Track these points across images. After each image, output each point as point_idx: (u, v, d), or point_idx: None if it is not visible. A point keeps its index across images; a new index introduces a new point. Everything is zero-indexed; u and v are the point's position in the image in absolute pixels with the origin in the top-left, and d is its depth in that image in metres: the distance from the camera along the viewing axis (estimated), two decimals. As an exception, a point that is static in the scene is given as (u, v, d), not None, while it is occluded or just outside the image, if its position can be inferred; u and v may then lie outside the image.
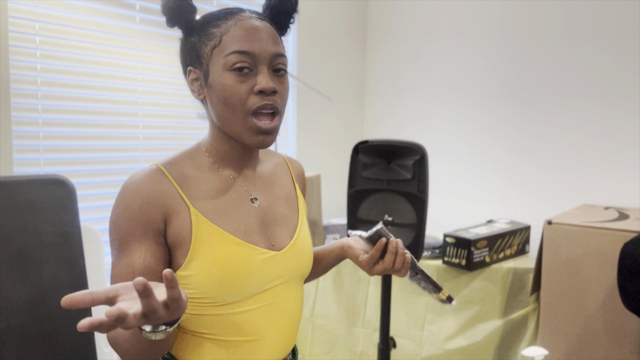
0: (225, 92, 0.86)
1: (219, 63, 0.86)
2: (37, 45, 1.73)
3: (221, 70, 0.86)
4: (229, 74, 0.85)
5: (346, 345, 2.30)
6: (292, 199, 1.03)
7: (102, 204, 1.92)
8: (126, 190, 0.86)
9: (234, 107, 0.86)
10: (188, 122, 2.19)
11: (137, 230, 0.83)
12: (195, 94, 0.92)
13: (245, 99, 0.86)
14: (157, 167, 0.88)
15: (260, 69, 0.86)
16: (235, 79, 0.85)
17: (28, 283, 1.37)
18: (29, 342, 1.35)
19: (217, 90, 0.87)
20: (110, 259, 0.87)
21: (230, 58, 0.85)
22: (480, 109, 2.65)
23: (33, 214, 1.40)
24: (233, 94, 0.85)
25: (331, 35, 2.84)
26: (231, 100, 0.86)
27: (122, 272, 0.83)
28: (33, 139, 1.75)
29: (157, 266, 0.85)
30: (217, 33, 0.87)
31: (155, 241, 0.85)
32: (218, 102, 0.87)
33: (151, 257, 0.84)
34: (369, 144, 1.79)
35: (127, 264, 0.83)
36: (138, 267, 0.83)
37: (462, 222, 2.63)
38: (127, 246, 0.84)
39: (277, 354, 0.94)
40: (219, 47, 0.86)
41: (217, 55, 0.86)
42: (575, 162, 2.38)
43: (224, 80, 0.86)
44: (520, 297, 2.05)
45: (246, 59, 0.85)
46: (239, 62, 0.85)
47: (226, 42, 0.86)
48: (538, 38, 2.45)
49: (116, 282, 0.83)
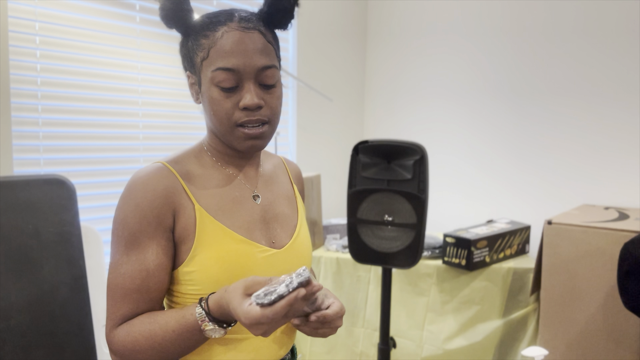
0: (212, 105, 0.87)
1: (208, 76, 0.86)
2: (37, 45, 1.73)
3: (209, 84, 0.86)
4: (215, 89, 0.86)
5: (346, 345, 2.30)
6: (292, 199, 1.04)
7: (102, 204, 1.92)
8: (134, 187, 0.85)
9: (221, 121, 0.87)
10: (188, 122, 2.19)
11: (149, 227, 0.84)
12: (194, 98, 0.93)
13: (231, 113, 0.86)
14: (163, 164, 0.88)
15: (246, 84, 0.86)
16: (221, 94, 0.86)
17: (28, 283, 1.37)
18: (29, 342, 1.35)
19: (207, 101, 0.88)
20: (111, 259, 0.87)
21: (216, 75, 0.85)
22: (481, 109, 2.65)
23: (33, 214, 1.40)
24: (219, 109, 0.86)
25: (331, 35, 2.84)
26: (218, 114, 0.87)
27: (133, 270, 0.83)
28: (33, 139, 1.75)
29: (168, 263, 0.86)
30: (206, 45, 0.86)
31: (166, 237, 0.85)
32: (209, 113, 0.89)
33: (163, 254, 0.85)
34: (369, 144, 1.79)
35: (139, 260, 0.83)
36: (152, 264, 0.84)
37: (462, 222, 2.63)
38: (138, 243, 0.84)
39: (276, 352, 0.95)
40: (207, 60, 0.86)
41: (206, 68, 0.86)
42: (575, 162, 2.38)
43: (212, 94, 0.86)
44: (520, 297, 2.05)
45: (230, 76, 0.85)
46: (224, 80, 0.85)
47: (212, 57, 0.85)
48: (538, 38, 2.45)
49: (127, 279, 0.83)
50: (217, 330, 0.80)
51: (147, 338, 0.81)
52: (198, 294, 0.87)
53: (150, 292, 0.84)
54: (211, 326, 0.80)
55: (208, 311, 0.80)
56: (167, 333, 0.81)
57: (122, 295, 0.84)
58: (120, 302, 0.84)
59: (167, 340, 0.81)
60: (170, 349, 0.82)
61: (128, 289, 0.83)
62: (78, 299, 1.45)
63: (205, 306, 0.81)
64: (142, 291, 0.84)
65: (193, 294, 0.87)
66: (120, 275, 0.84)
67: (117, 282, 0.84)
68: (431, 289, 2.13)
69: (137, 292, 0.83)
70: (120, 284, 0.84)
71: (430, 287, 2.13)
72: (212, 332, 0.80)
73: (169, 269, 0.87)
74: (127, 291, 0.83)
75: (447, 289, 2.10)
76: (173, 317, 0.82)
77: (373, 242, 1.81)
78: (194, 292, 0.87)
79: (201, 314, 0.80)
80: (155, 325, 0.82)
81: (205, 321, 0.80)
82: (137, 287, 0.83)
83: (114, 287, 0.84)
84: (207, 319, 0.80)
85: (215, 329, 0.80)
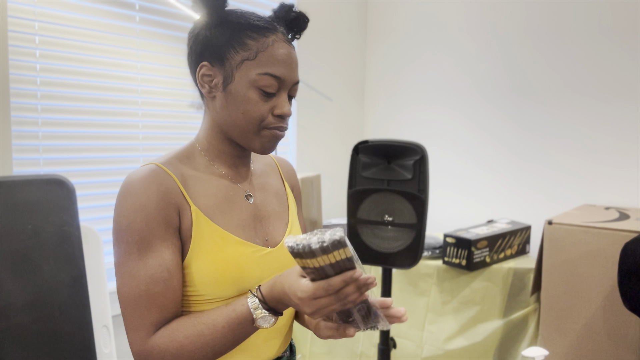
0: (247, 105, 0.88)
1: (249, 77, 0.87)
2: (37, 45, 1.73)
3: (248, 84, 0.87)
4: (255, 90, 0.88)
5: (346, 345, 2.29)
6: (282, 196, 1.05)
7: (102, 204, 1.92)
8: (133, 190, 0.83)
9: (252, 121, 0.89)
10: (188, 122, 2.19)
11: (159, 229, 0.82)
12: (205, 90, 0.91)
13: (265, 117, 0.89)
14: (157, 166, 0.87)
15: (282, 93, 0.90)
16: (260, 97, 0.88)
17: (27, 283, 1.37)
18: (29, 342, 1.35)
19: (238, 99, 0.88)
20: (113, 260, 0.85)
21: (264, 79, 0.87)
22: (481, 109, 2.65)
23: (33, 214, 1.40)
24: (255, 110, 0.88)
25: (331, 35, 2.84)
26: (251, 114, 0.88)
27: (154, 273, 0.81)
28: (33, 139, 1.74)
29: (181, 261, 0.86)
30: (253, 47, 0.87)
31: (176, 236, 0.85)
32: (235, 111, 0.88)
33: (178, 253, 0.85)
34: (369, 144, 1.79)
35: (157, 263, 0.81)
36: (171, 264, 0.83)
37: (462, 222, 2.62)
38: (151, 246, 0.82)
39: (274, 350, 0.95)
40: (253, 62, 0.87)
41: (249, 69, 0.87)
42: (575, 162, 2.38)
43: (249, 95, 0.87)
44: (520, 297, 2.04)
45: (277, 83, 0.88)
46: (270, 85, 0.88)
47: (261, 61, 0.87)
48: (538, 38, 2.45)
49: (150, 285, 0.81)
50: (268, 318, 0.81)
51: (193, 341, 0.80)
52: (194, 295, 0.86)
53: (175, 292, 0.83)
54: (264, 313, 0.81)
55: (262, 299, 0.81)
56: (217, 330, 0.81)
57: (148, 302, 0.81)
58: (147, 309, 0.81)
59: (216, 338, 0.81)
60: (217, 347, 0.81)
61: (153, 294, 0.81)
62: (78, 299, 1.45)
63: (259, 294, 0.81)
64: (167, 294, 0.82)
65: (189, 294, 0.87)
66: (142, 283, 0.81)
67: (140, 290, 0.81)
68: (431, 289, 2.13)
69: (163, 295, 0.81)
70: (144, 291, 0.81)
71: (431, 287, 2.13)
72: (263, 321, 0.81)
73: (181, 268, 0.86)
74: (153, 296, 0.81)
75: (448, 289, 2.10)
76: (220, 314, 0.82)
77: (373, 242, 1.80)
78: (190, 294, 0.87)
79: (254, 302, 0.81)
80: (201, 326, 0.81)
81: (259, 308, 0.80)
82: (162, 290, 0.81)
83: (136, 297, 0.81)
84: (260, 307, 0.81)
85: (267, 316, 0.81)
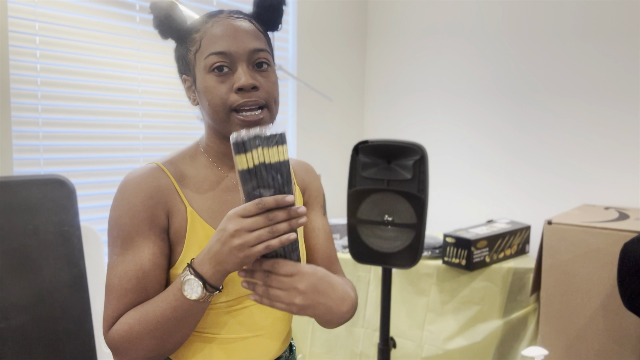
0: (208, 93, 0.86)
1: (201, 66, 0.87)
2: (37, 45, 1.73)
3: (203, 73, 0.87)
4: (209, 76, 0.86)
5: (346, 345, 2.29)
6: None
7: (102, 204, 1.92)
8: (127, 187, 0.85)
9: (217, 107, 0.86)
10: (188, 122, 2.19)
11: (143, 226, 0.83)
12: (191, 101, 0.94)
13: (226, 98, 0.85)
14: (157, 165, 0.88)
15: (239, 67, 0.86)
16: (215, 79, 0.86)
17: (28, 283, 1.37)
18: (29, 342, 1.35)
19: (203, 92, 0.88)
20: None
21: (209, 60, 0.86)
22: (480, 109, 2.65)
23: (33, 214, 1.40)
24: (215, 95, 0.86)
25: (331, 35, 2.84)
26: (214, 101, 0.86)
27: (128, 270, 0.82)
28: (33, 139, 1.75)
29: (165, 263, 0.86)
30: (197, 37, 0.88)
31: (161, 237, 0.85)
32: (206, 104, 0.88)
33: (159, 253, 0.85)
34: (369, 144, 1.79)
35: (134, 260, 0.83)
36: (147, 263, 0.83)
37: (462, 222, 2.63)
38: (133, 243, 0.83)
39: (273, 350, 0.95)
40: (199, 51, 0.87)
41: (199, 59, 0.88)
42: (575, 162, 2.38)
43: (206, 83, 0.87)
44: (520, 297, 2.05)
45: (223, 59, 0.85)
46: (216, 62, 0.85)
47: (204, 45, 0.87)
48: (538, 38, 2.45)
49: (123, 279, 0.82)
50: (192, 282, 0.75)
51: (140, 321, 0.79)
52: None
53: (147, 292, 0.83)
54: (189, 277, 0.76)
55: (190, 264, 0.78)
56: (158, 307, 0.79)
57: (118, 296, 0.82)
58: (116, 302, 0.82)
59: (157, 316, 0.78)
60: (164, 327, 0.79)
61: (124, 289, 0.82)
62: (78, 299, 1.45)
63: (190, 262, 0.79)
64: (138, 291, 0.83)
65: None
66: (116, 276, 0.83)
67: (114, 283, 0.83)
68: (431, 289, 2.13)
69: (133, 292, 0.82)
70: (117, 284, 0.83)
71: (430, 287, 2.13)
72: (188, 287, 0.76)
73: (166, 268, 0.86)
74: (123, 291, 0.82)
75: (447, 289, 2.10)
76: (163, 293, 0.81)
77: (373, 242, 1.81)
78: None
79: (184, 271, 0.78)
80: (146, 306, 0.80)
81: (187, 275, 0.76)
82: (134, 286, 0.82)
83: (110, 288, 0.83)
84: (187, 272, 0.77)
85: (191, 280, 0.75)
